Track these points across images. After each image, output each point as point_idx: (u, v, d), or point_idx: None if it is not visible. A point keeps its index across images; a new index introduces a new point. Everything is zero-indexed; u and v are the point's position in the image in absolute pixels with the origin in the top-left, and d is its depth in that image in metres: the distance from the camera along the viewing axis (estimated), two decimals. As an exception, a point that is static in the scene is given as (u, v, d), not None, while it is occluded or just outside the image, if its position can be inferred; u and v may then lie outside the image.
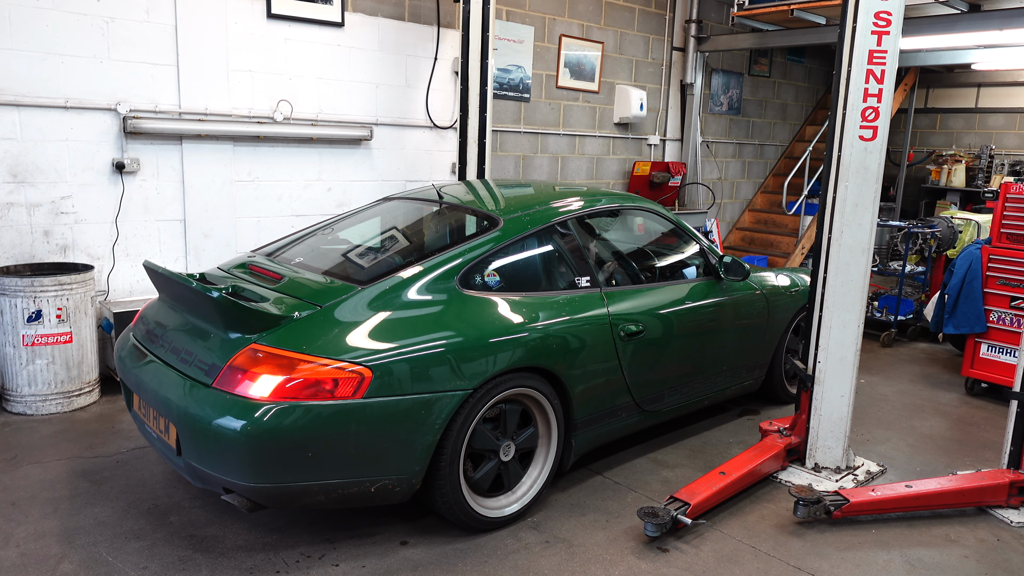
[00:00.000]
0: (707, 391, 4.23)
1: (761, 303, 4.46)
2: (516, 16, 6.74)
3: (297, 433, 2.62)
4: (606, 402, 3.57)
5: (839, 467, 3.87)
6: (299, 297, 3.05)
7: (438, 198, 4.00)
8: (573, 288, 3.52)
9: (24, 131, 4.39)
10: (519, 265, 3.49)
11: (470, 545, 3.12)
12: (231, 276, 3.42)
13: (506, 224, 3.47)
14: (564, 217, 3.67)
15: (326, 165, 5.68)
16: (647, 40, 8.03)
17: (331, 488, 2.76)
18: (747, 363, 4.47)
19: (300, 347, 2.74)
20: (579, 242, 3.69)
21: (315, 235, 3.92)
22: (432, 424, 2.85)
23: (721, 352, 4.23)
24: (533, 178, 7.21)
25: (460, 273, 3.19)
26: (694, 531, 3.29)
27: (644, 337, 3.67)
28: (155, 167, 4.89)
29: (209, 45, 4.97)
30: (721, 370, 4.26)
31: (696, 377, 4.10)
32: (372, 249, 3.74)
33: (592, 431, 3.56)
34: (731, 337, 4.27)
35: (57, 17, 4.39)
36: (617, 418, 3.68)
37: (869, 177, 3.55)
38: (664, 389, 3.90)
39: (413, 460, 2.85)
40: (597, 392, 3.51)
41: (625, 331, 3.56)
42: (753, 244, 9.49)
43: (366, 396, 2.72)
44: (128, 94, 4.71)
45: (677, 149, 8.65)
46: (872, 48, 3.44)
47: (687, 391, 4.07)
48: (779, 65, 9.85)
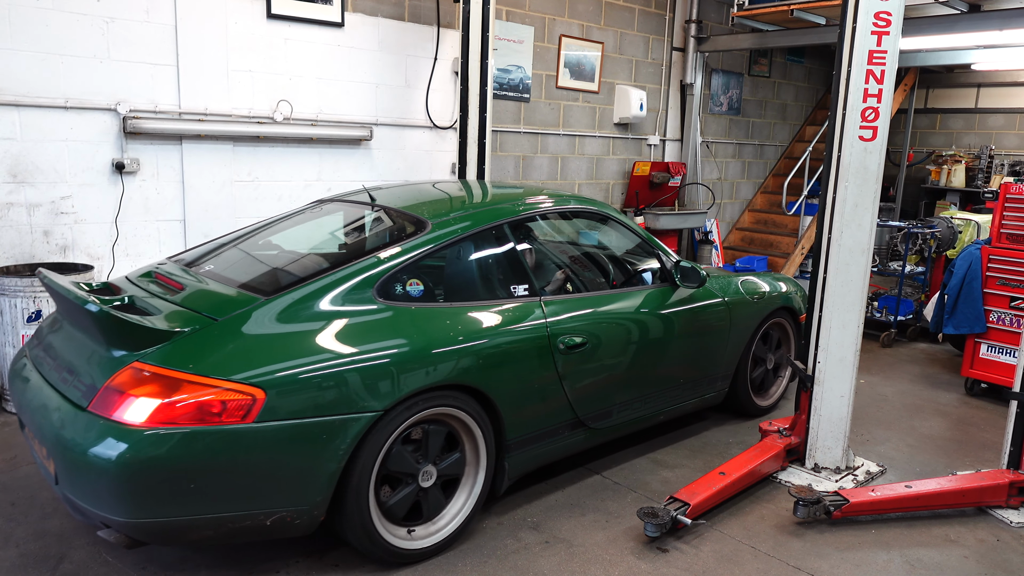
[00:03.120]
0: (663, 406, 3.97)
1: (722, 311, 4.18)
2: (516, 16, 6.74)
3: (177, 462, 2.37)
4: (544, 421, 3.31)
5: (839, 467, 3.87)
6: (196, 310, 2.78)
7: (370, 200, 3.67)
8: (508, 297, 3.26)
9: (24, 131, 4.39)
10: (447, 273, 3.27)
11: (470, 545, 3.12)
12: (134, 286, 3.14)
13: (434, 228, 3.20)
14: (501, 220, 3.40)
15: (326, 165, 5.68)
16: (647, 40, 8.03)
17: (220, 522, 2.51)
18: (708, 375, 4.19)
19: (186, 366, 2.48)
20: (517, 247, 3.42)
21: (238, 240, 3.61)
22: (335, 450, 2.60)
23: (677, 364, 3.97)
24: (533, 178, 7.22)
25: (378, 282, 2.92)
26: (694, 531, 3.29)
27: (588, 350, 3.40)
28: (155, 167, 4.89)
29: (209, 45, 4.97)
30: (678, 383, 4.00)
31: (649, 391, 3.84)
32: (288, 256, 3.44)
33: (529, 452, 3.29)
34: (688, 348, 4.00)
35: (57, 17, 4.40)
36: (558, 437, 3.42)
37: (869, 177, 3.54)
38: (613, 405, 3.64)
39: (314, 490, 2.61)
40: (533, 410, 3.25)
41: (565, 343, 3.29)
42: (753, 244, 9.49)
43: (258, 420, 2.46)
44: (128, 94, 4.71)
45: (677, 149, 8.65)
46: (872, 48, 3.44)
47: (640, 407, 3.81)
48: (779, 65, 9.85)
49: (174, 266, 3.33)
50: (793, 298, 4.73)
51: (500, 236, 3.38)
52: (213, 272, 3.21)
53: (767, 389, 4.79)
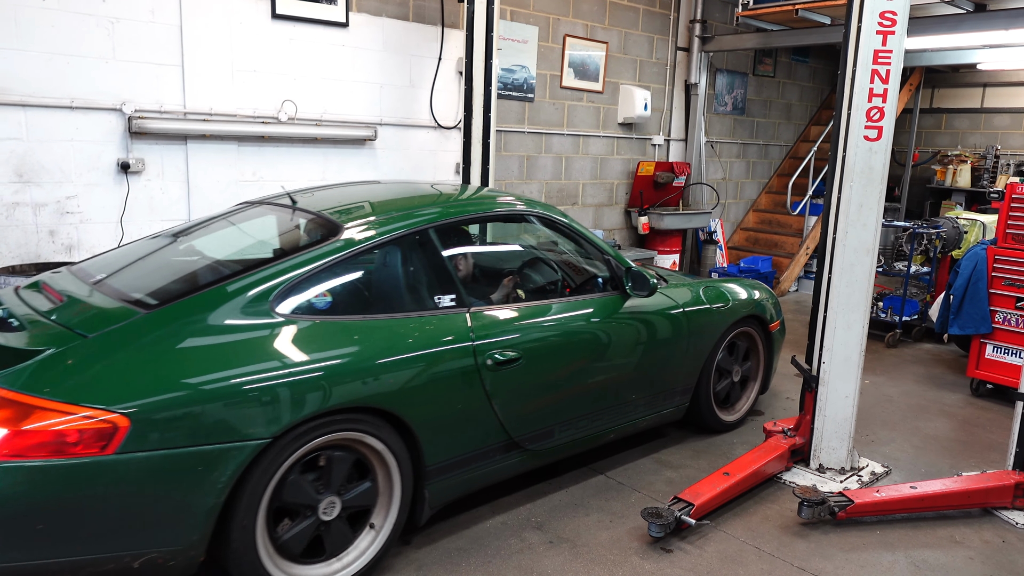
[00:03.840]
0: (612, 424, 3.70)
1: (679, 321, 3.90)
2: (520, 16, 6.74)
3: (22, 500, 2.11)
4: (471, 444, 3.06)
5: (843, 468, 3.86)
6: (68, 325, 2.51)
7: (291, 203, 3.38)
8: (431, 309, 3.00)
9: (30, 131, 4.40)
10: (359, 282, 2.99)
11: (472, 544, 3.12)
12: (17, 297, 2.89)
13: (347, 233, 2.94)
14: (425, 225, 3.12)
15: (331, 165, 5.69)
16: (651, 40, 8.02)
17: (78, 566, 2.24)
18: (664, 389, 3.92)
19: (42, 389, 2.20)
20: (443, 254, 3.15)
21: (148, 246, 3.35)
22: (214, 483, 2.34)
23: (628, 379, 3.69)
24: (537, 178, 7.22)
25: (275, 294, 2.66)
26: (698, 532, 3.29)
27: (522, 365, 3.14)
28: (160, 167, 4.90)
29: (214, 45, 4.98)
30: (629, 399, 3.73)
31: (597, 409, 3.58)
32: (187, 264, 3.15)
33: (454, 479, 3.04)
34: (640, 361, 3.73)
35: (62, 18, 4.41)
36: (490, 461, 3.17)
37: (874, 177, 3.54)
38: (553, 424, 3.38)
39: (190, 528, 2.34)
40: (457, 433, 3.00)
41: (495, 359, 3.03)
42: (757, 244, 9.47)
43: (120, 451, 2.19)
44: (133, 94, 4.72)
45: (681, 149, 8.64)
46: (877, 48, 3.43)
47: (586, 425, 3.56)
48: (784, 65, 9.83)
49: (67, 275, 3.05)
50: (764, 306, 4.49)
51: (424, 242, 3.10)
52: (104, 282, 2.91)
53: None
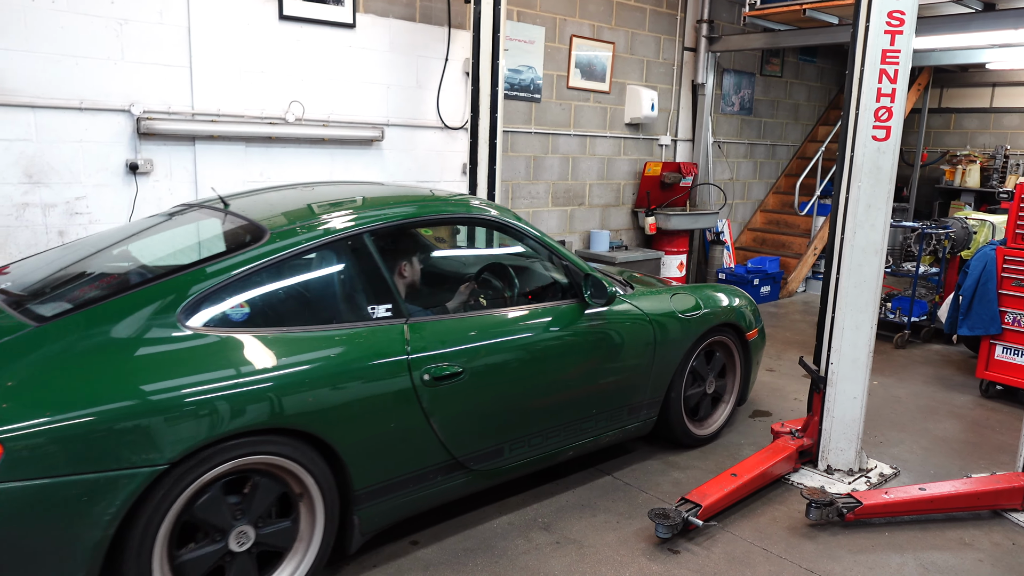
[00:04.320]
0: (570, 441, 3.50)
1: (645, 331, 3.69)
2: (527, 17, 6.74)
3: None
4: (408, 465, 2.88)
5: (852, 469, 3.84)
6: None
7: (223, 206, 3.19)
8: (364, 320, 2.81)
9: (39, 132, 4.42)
10: (282, 292, 2.77)
11: (480, 545, 3.12)
12: None
13: (272, 238, 2.75)
14: (360, 229, 2.92)
15: (337, 166, 5.70)
16: (658, 40, 8.01)
17: None
18: (628, 403, 3.72)
19: None
20: (380, 262, 2.94)
21: (75, 252, 3.17)
22: (100, 516, 2.14)
23: (587, 392, 3.50)
24: (544, 179, 7.21)
25: (185, 304, 2.47)
26: (705, 533, 3.28)
27: (466, 381, 2.95)
28: (168, 168, 4.92)
29: (222, 46, 4.99)
30: (590, 414, 3.53)
31: (552, 425, 3.38)
32: (100, 272, 2.92)
33: (389, 502, 2.86)
34: (601, 373, 3.53)
35: (71, 19, 4.43)
36: (430, 483, 2.97)
37: (882, 177, 3.52)
38: (503, 442, 3.19)
39: (73, 564, 2.15)
40: (391, 454, 2.82)
41: (433, 374, 2.85)
42: (765, 245, 9.44)
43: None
44: (142, 95, 4.74)
45: (688, 149, 8.63)
46: (885, 47, 3.42)
47: (541, 443, 3.36)
48: (791, 65, 9.80)
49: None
50: (741, 314, 4.27)
51: (357, 248, 2.91)
52: (8, 290, 2.73)
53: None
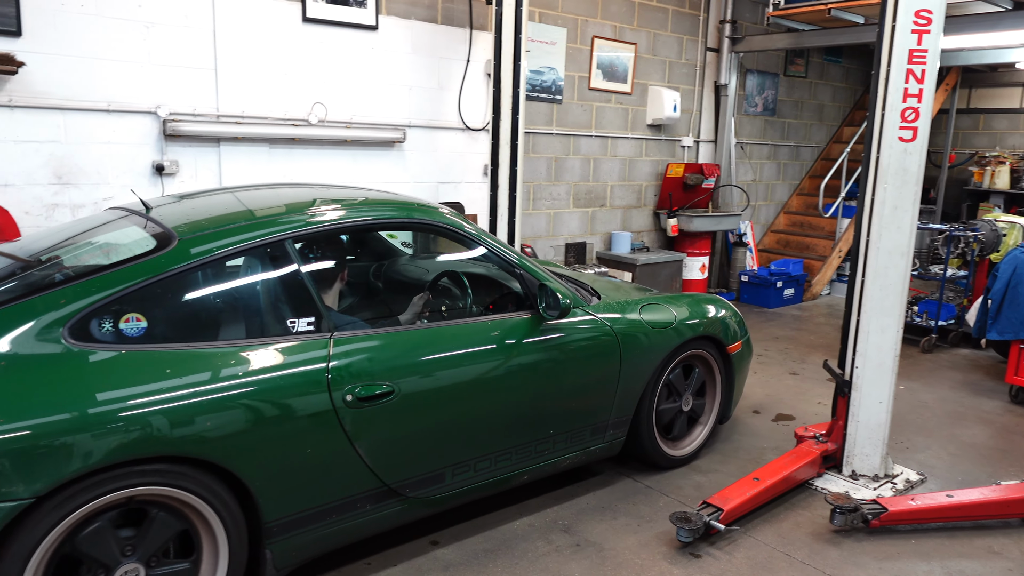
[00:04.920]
0: (524, 464, 3.24)
1: (609, 345, 3.41)
2: (548, 18, 6.74)
3: None
4: (329, 494, 2.64)
5: (877, 475, 3.79)
6: None
7: (145, 209, 2.96)
8: (283, 335, 2.59)
9: (68, 134, 4.50)
10: (187, 304, 2.55)
11: (500, 546, 3.12)
12: None
13: (180, 245, 2.53)
14: (281, 235, 2.70)
15: (360, 167, 5.73)
16: (680, 41, 7.96)
17: None
18: (591, 423, 3.45)
19: None
20: (302, 271, 2.73)
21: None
22: None
23: (542, 412, 3.23)
24: (565, 180, 7.20)
25: (75, 319, 2.26)
26: (727, 537, 3.25)
27: (396, 401, 2.71)
28: (193, 169, 4.98)
29: (246, 49, 5.05)
30: (545, 435, 3.27)
31: (503, 448, 3.13)
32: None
33: (308, 534, 2.62)
34: (559, 391, 3.26)
35: (99, 22, 4.50)
36: (358, 512, 2.73)
37: (909, 179, 3.47)
38: (444, 467, 2.95)
39: None
40: (308, 482, 2.58)
41: (358, 394, 2.61)
42: (788, 247, 9.35)
43: None
44: (168, 97, 4.80)
45: (711, 151, 8.57)
46: (912, 47, 3.37)
47: (488, 467, 3.10)
48: (816, 65, 9.70)
49: None
50: (721, 325, 3.97)
51: (278, 256, 2.69)
52: None
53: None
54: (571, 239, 7.43)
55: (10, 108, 4.26)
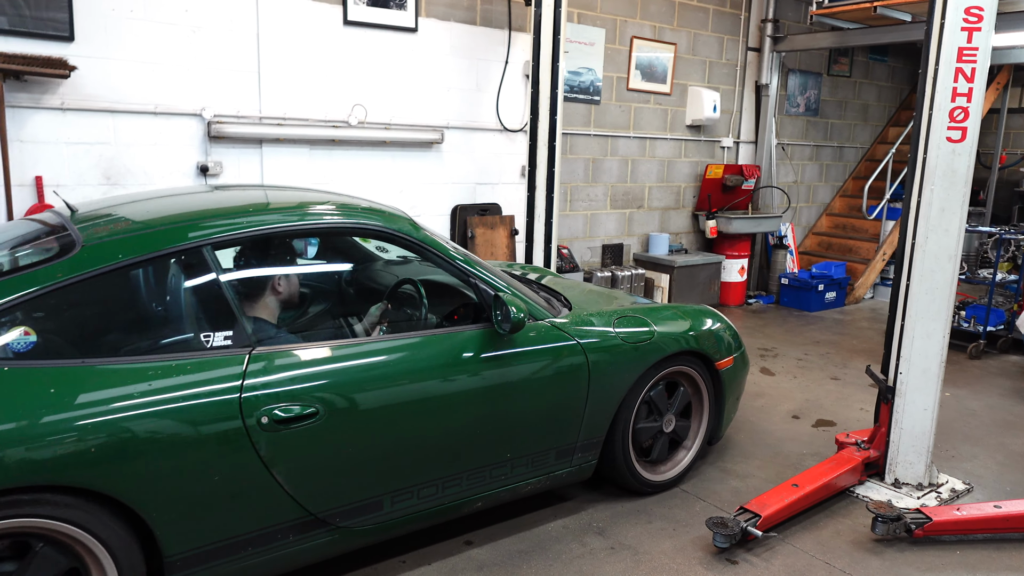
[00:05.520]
0: (476, 490, 2.96)
1: (576, 361, 3.11)
2: (587, 19, 6.72)
3: None
4: (243, 524, 2.41)
5: (921, 484, 3.70)
6: None
7: (71, 214, 2.76)
8: (195, 349, 2.37)
9: (117, 135, 4.63)
10: (85, 316, 2.34)
11: (534, 547, 3.12)
12: None
13: (81, 253, 2.33)
14: (197, 242, 2.47)
15: (398, 168, 5.79)
16: (721, 41, 7.87)
17: None
18: (556, 446, 3.16)
19: None
20: (223, 280, 2.51)
21: None
22: None
23: (497, 435, 2.95)
24: (603, 181, 7.17)
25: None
26: (765, 544, 3.20)
27: (321, 423, 2.46)
28: (236, 170, 5.08)
29: (288, 52, 5.13)
30: (501, 459, 2.99)
31: (451, 473, 2.86)
32: None
33: (220, 569, 2.39)
34: (516, 412, 2.98)
35: (148, 27, 4.62)
36: (280, 543, 2.50)
37: (957, 180, 3.38)
38: (382, 494, 2.70)
39: None
40: (217, 512, 2.35)
41: (274, 416, 2.37)
42: (831, 250, 9.19)
43: None
44: (212, 100, 4.91)
45: (751, 151, 8.45)
46: (962, 45, 3.28)
47: (435, 493, 2.84)
48: (860, 64, 9.51)
49: None
50: (709, 339, 3.64)
51: (194, 264, 2.47)
52: None
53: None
54: (608, 240, 7.40)
55: (63, 111, 4.40)
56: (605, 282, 6.92)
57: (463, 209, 6.13)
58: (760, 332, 6.99)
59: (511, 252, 6.29)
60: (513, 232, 6.31)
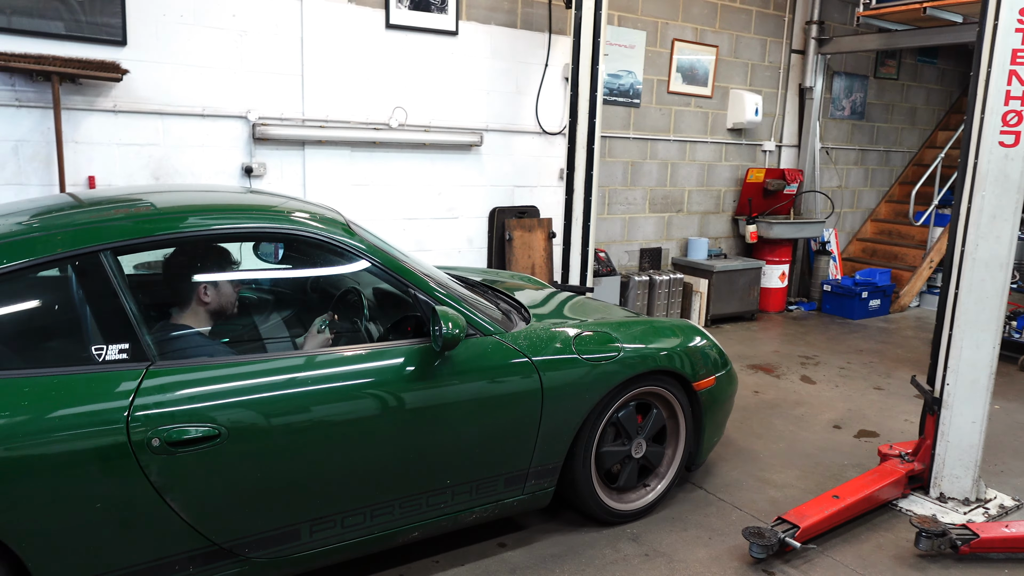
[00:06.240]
0: (411, 519, 2.74)
1: (527, 380, 2.87)
2: (628, 21, 6.69)
3: None
4: (134, 555, 2.23)
5: (967, 499, 3.59)
6: None
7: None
8: (84, 363, 2.18)
9: (166, 137, 4.75)
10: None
11: (567, 551, 3.11)
12: None
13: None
14: (92, 247, 2.27)
15: (437, 170, 5.83)
16: (764, 43, 7.77)
17: None
18: (504, 472, 2.91)
19: None
20: (123, 288, 2.29)
21: None
22: None
23: (434, 460, 2.73)
24: (642, 185, 7.12)
25: None
26: (803, 556, 3.15)
27: (223, 445, 2.27)
28: (279, 171, 5.17)
29: (331, 55, 5.21)
30: (440, 486, 2.77)
31: (379, 500, 2.64)
32: None
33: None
34: (456, 435, 2.75)
35: (197, 31, 4.73)
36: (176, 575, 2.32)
37: (1009, 186, 3.28)
38: (299, 523, 2.49)
39: None
40: (102, 542, 2.17)
41: (167, 437, 2.18)
42: (875, 256, 8.98)
43: None
44: (257, 102, 5.01)
45: (794, 156, 8.32)
46: (1016, 47, 3.19)
47: (361, 523, 2.63)
48: (908, 67, 9.29)
49: None
50: (694, 356, 3.40)
51: (88, 271, 2.28)
52: None
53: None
54: (646, 245, 7.35)
55: (115, 113, 4.53)
56: (642, 286, 6.87)
57: (501, 211, 6.14)
58: (801, 339, 6.87)
59: (548, 255, 6.29)
60: (550, 235, 6.31)
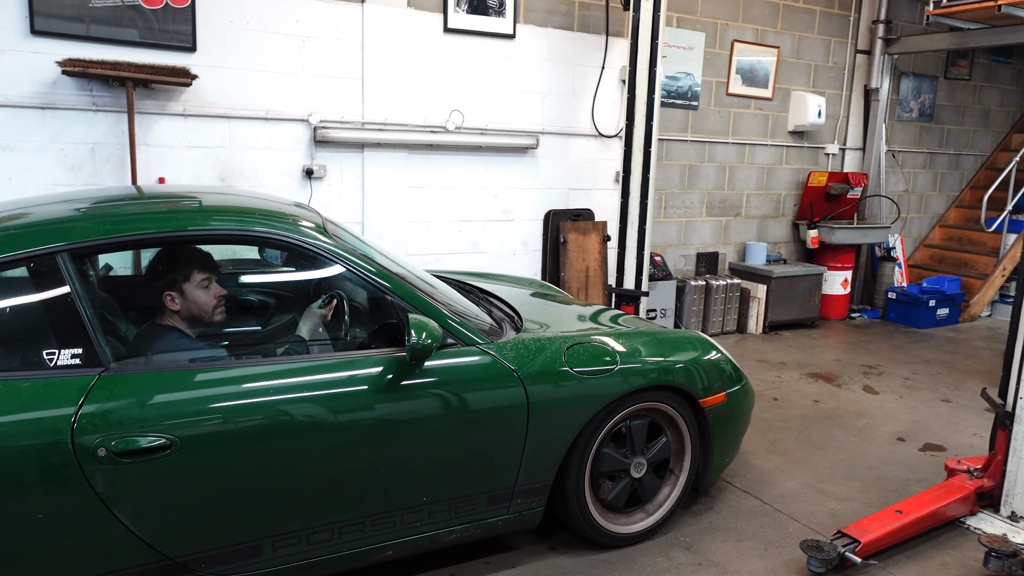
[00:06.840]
0: (383, 537, 2.62)
1: (510, 393, 2.72)
2: (687, 23, 6.61)
3: None
4: (79, 568, 2.17)
5: (1041, 518, 3.43)
6: None
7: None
8: (33, 368, 2.13)
9: (231, 140, 4.90)
10: None
11: (619, 557, 3.09)
12: None
13: None
14: (52, 248, 2.21)
15: (492, 172, 5.86)
16: (828, 43, 7.57)
17: None
18: (487, 490, 2.78)
19: None
20: (80, 290, 2.22)
21: None
22: None
23: (409, 476, 2.61)
24: (699, 188, 7.03)
25: None
26: (864, 571, 3.05)
27: (175, 456, 2.19)
28: (339, 173, 5.28)
29: (391, 59, 5.29)
30: (416, 503, 2.64)
31: (348, 517, 2.53)
32: None
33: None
34: (433, 450, 2.62)
35: (262, 37, 4.87)
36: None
37: (1093, 192, 3.13)
38: (260, 538, 2.39)
39: None
40: (44, 554, 2.12)
41: (114, 447, 2.11)
42: (943, 263, 8.66)
43: None
44: (318, 106, 5.12)
45: (858, 159, 8.08)
46: (1102, 46, 3.03)
47: (329, 540, 2.52)
48: (981, 67, 8.93)
49: None
50: (704, 370, 3.21)
51: (43, 273, 2.21)
52: None
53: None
54: (703, 249, 7.25)
55: (184, 117, 4.70)
56: (698, 291, 6.77)
57: (556, 214, 6.14)
58: (864, 348, 6.67)
59: (603, 258, 6.25)
60: (605, 238, 6.28)
